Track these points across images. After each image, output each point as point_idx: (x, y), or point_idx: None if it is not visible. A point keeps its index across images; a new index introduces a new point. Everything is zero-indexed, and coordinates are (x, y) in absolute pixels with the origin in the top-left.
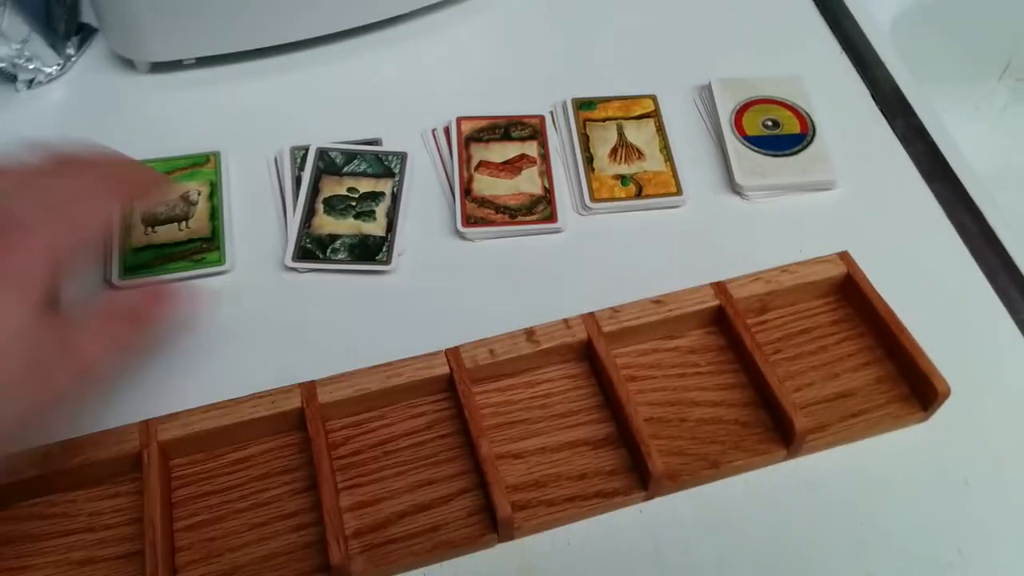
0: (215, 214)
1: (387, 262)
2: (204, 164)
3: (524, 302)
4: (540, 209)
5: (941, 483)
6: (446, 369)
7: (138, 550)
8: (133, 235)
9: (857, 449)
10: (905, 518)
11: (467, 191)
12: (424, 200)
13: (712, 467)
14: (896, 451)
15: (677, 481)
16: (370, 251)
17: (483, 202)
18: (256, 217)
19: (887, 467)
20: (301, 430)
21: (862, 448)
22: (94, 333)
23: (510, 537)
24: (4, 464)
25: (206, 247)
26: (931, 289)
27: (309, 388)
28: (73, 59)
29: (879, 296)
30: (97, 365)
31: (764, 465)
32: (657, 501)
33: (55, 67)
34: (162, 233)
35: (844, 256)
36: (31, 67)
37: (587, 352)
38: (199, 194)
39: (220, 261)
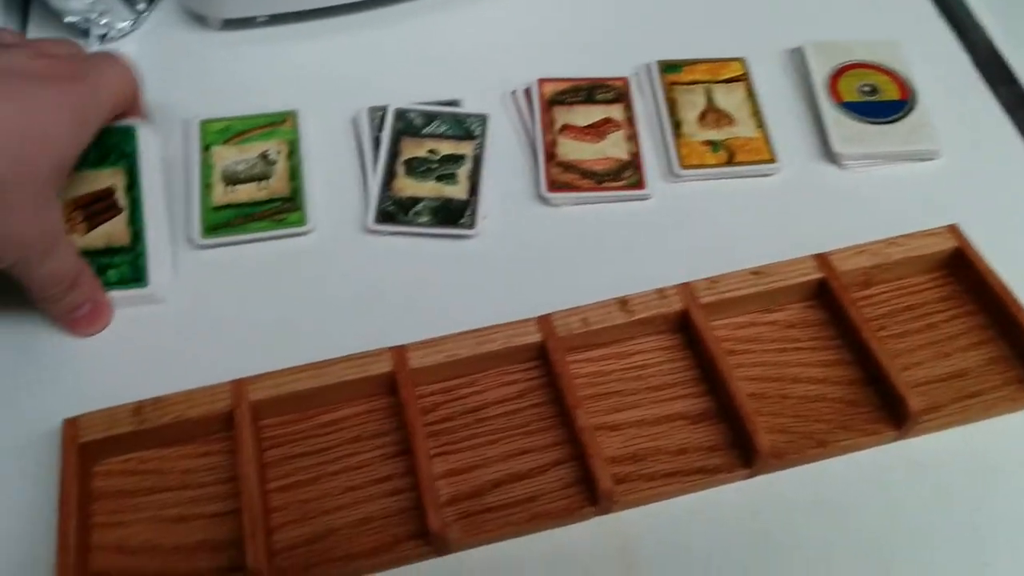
0: (295, 174)
1: (471, 226)
2: (282, 123)
3: (612, 270)
4: (627, 175)
5: None
6: (538, 337)
7: (232, 509)
8: (213, 193)
9: (967, 431)
10: (1020, 506)
11: (551, 155)
12: (506, 164)
13: (819, 446)
14: (1010, 435)
15: (783, 460)
16: (453, 214)
17: (568, 166)
18: (335, 178)
19: (1000, 451)
20: (391, 394)
21: (972, 430)
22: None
23: (608, 510)
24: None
25: (287, 207)
26: None
27: (400, 353)
28: (145, 14)
29: (992, 272)
30: None
31: (873, 446)
32: (758, 480)
33: (127, 22)
34: (241, 192)
35: (953, 229)
36: (103, 22)
37: (682, 323)
38: (278, 153)
39: (302, 222)
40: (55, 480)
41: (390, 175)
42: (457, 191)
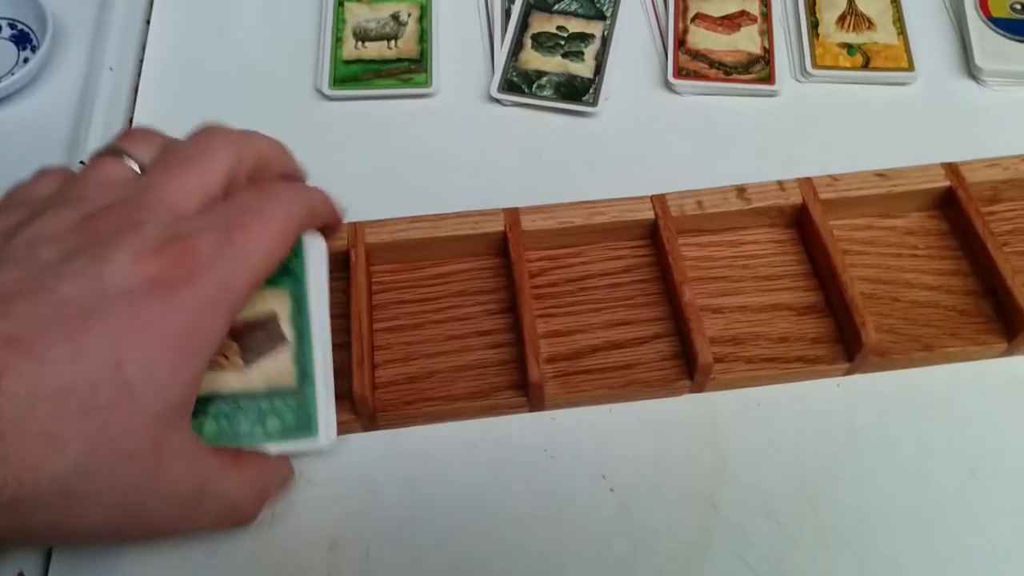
0: (424, 36)
1: (593, 104)
2: None
3: (731, 163)
4: (757, 69)
5: None
6: (651, 214)
7: (342, 342)
8: (344, 48)
9: None
10: None
11: (681, 42)
12: (634, 48)
13: (925, 350)
14: None
15: (886, 358)
16: (576, 91)
17: (696, 55)
18: (463, 46)
19: None
20: (500, 255)
21: None
22: None
23: (703, 387)
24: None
25: (414, 68)
26: None
27: (513, 214)
28: None
29: None
30: None
31: (981, 357)
32: (856, 378)
33: None
34: (371, 49)
35: None
36: None
37: (798, 218)
38: (409, 15)
39: (427, 83)
40: None
41: (517, 47)
42: (582, 69)
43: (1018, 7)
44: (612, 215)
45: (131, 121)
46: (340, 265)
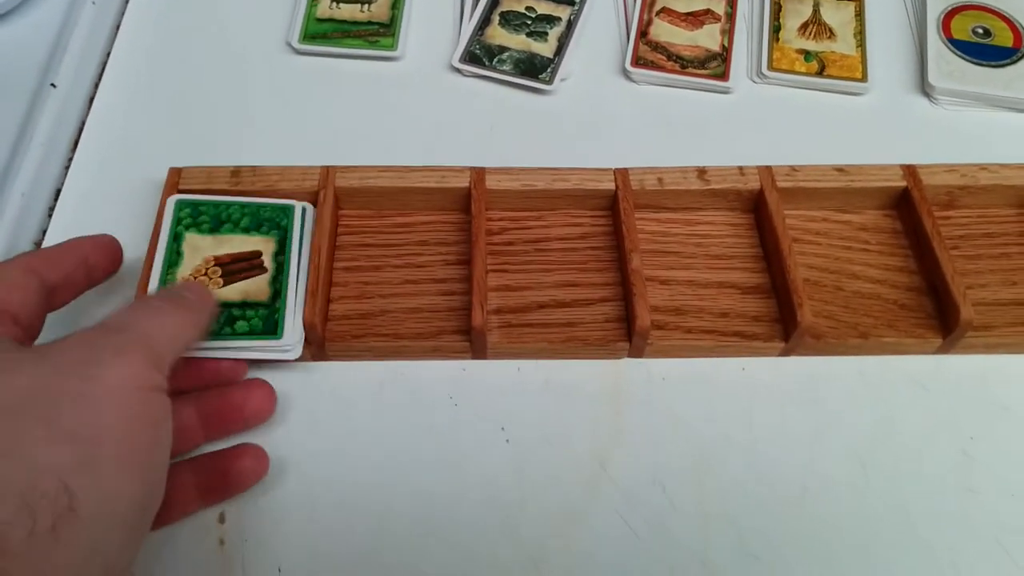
0: (397, 4)
1: (549, 82)
2: None
3: (681, 153)
4: (713, 65)
5: None
6: (612, 186)
7: None
8: (319, 6)
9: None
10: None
11: (643, 33)
12: (598, 34)
13: (860, 337)
14: None
15: (822, 341)
16: (535, 68)
17: (656, 47)
18: (434, 16)
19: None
20: (463, 211)
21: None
22: None
23: (641, 352)
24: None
25: (382, 32)
26: None
27: (479, 172)
28: None
29: None
30: None
31: (915, 351)
32: (761, 364)
33: None
34: (345, 10)
35: None
36: None
37: (755, 203)
38: None
39: (393, 47)
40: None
41: (485, 22)
42: (544, 48)
43: (980, 31)
44: (574, 182)
45: (108, 55)
46: (311, 204)
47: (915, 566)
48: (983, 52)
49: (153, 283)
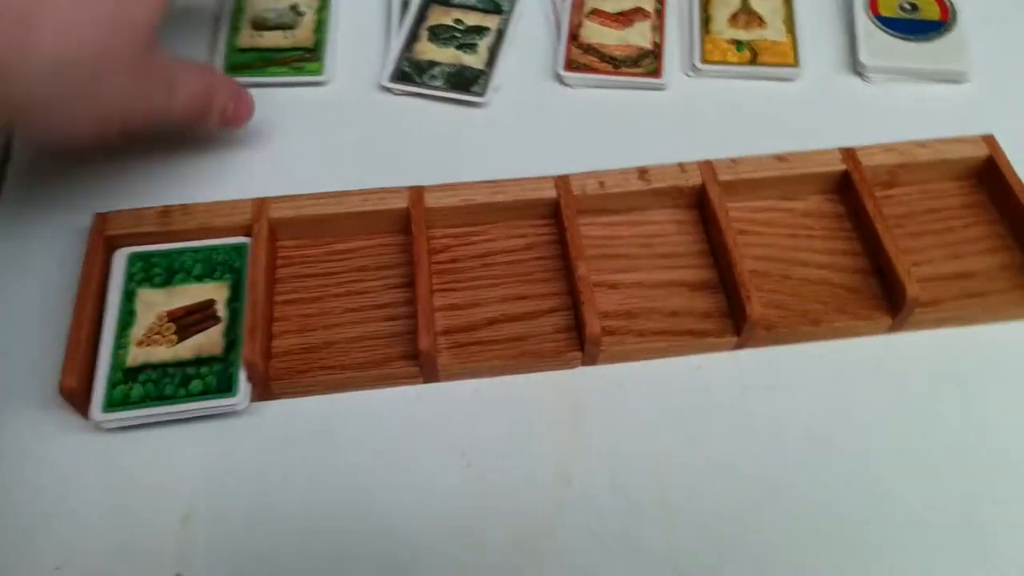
0: (320, 27)
1: (482, 94)
2: None
3: (621, 154)
4: (646, 63)
5: None
6: (553, 194)
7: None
8: (240, 36)
9: (965, 336)
10: (983, 411)
11: (574, 36)
12: (529, 41)
13: (812, 324)
14: (1010, 343)
15: (773, 331)
16: (466, 81)
17: (588, 49)
18: (360, 36)
19: (994, 359)
20: (404, 233)
21: (969, 336)
22: None
23: (595, 359)
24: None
25: (308, 57)
26: None
27: (417, 191)
28: None
29: (1021, 183)
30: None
31: (866, 333)
32: (716, 360)
33: None
34: (268, 38)
35: (988, 139)
36: None
37: (698, 199)
38: (308, 6)
39: (319, 71)
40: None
41: (413, 38)
42: (475, 60)
43: (907, 7)
44: (515, 194)
45: None
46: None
47: (888, 546)
48: (911, 27)
49: (105, 351)
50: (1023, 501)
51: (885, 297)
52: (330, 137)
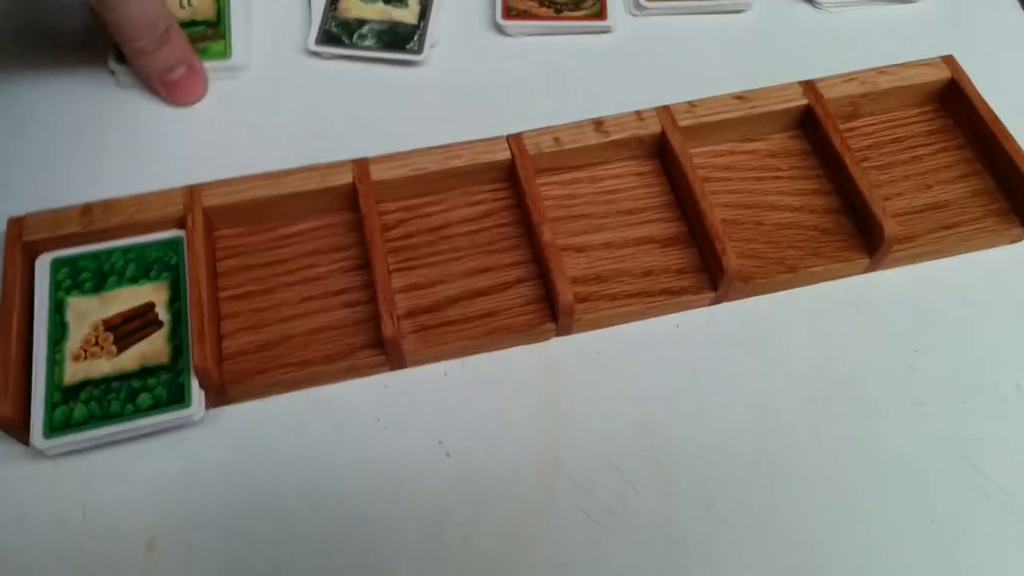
0: None
1: (418, 51)
2: None
3: (574, 103)
4: (588, 5)
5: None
6: (507, 155)
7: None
8: None
9: (944, 266)
10: (968, 344)
11: None
12: None
13: (788, 271)
14: (987, 271)
15: (751, 283)
16: (400, 39)
17: None
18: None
19: (970, 289)
20: (352, 209)
21: (947, 269)
22: None
23: (569, 329)
24: None
25: (211, 34)
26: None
27: (362, 164)
28: None
29: (985, 102)
30: None
31: (844, 274)
32: (692, 316)
33: None
34: None
35: (949, 60)
36: None
37: (659, 148)
38: None
39: (225, 53)
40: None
41: None
42: (406, 15)
43: None
44: (468, 158)
45: None
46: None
47: (885, 496)
48: None
49: (39, 370)
50: (1014, 431)
51: (860, 236)
52: (259, 112)
